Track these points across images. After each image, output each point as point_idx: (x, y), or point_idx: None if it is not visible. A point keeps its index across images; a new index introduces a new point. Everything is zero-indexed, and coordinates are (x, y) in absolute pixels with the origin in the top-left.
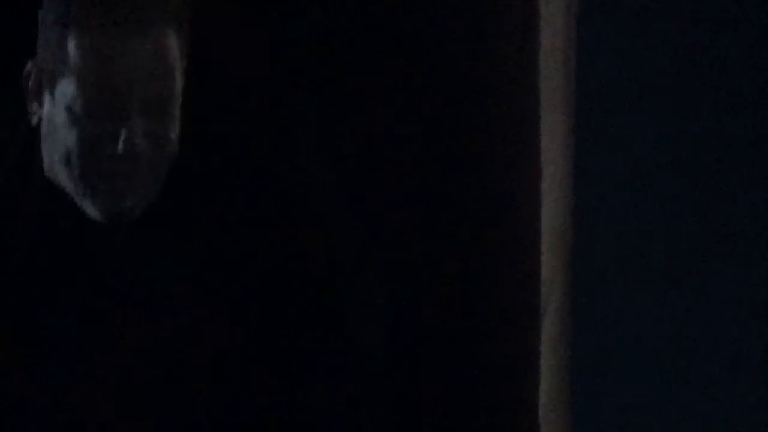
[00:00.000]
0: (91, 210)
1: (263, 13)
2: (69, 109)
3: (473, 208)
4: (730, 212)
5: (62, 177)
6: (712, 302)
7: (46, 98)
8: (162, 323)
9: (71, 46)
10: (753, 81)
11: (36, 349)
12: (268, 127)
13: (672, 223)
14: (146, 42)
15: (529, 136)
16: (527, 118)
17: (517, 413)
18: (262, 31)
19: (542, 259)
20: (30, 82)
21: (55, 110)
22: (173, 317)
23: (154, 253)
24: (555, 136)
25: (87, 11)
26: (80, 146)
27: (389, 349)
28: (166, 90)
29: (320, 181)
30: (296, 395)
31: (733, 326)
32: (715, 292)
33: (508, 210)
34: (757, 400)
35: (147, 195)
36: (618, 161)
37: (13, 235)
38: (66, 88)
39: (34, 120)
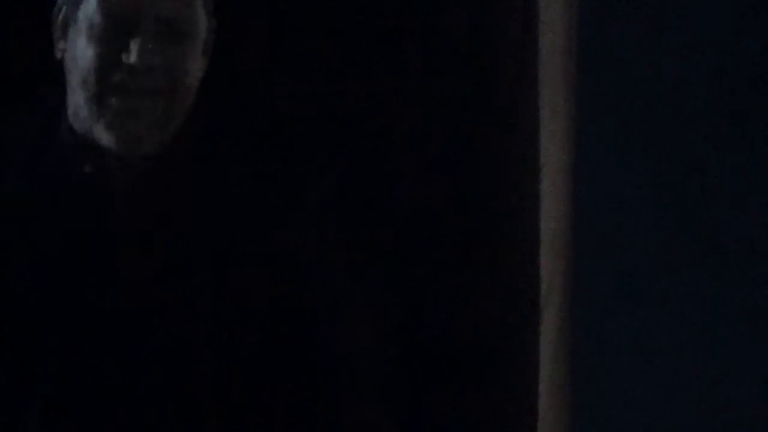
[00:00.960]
0: (104, 136)
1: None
2: (89, 30)
3: (473, 209)
4: (730, 211)
5: (80, 104)
6: (714, 303)
7: (70, 30)
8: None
9: None
10: (755, 84)
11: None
12: (264, 132)
13: (671, 224)
14: None
15: (528, 137)
16: (526, 120)
17: (516, 412)
18: (256, 30)
19: (541, 259)
20: (59, 18)
21: (76, 38)
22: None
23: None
24: (554, 136)
25: None
26: (96, 62)
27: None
28: (182, 11)
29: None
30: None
31: (734, 325)
32: (715, 291)
33: (507, 210)
34: (757, 399)
35: (161, 126)
36: (618, 162)
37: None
38: (87, 11)
39: (59, 54)
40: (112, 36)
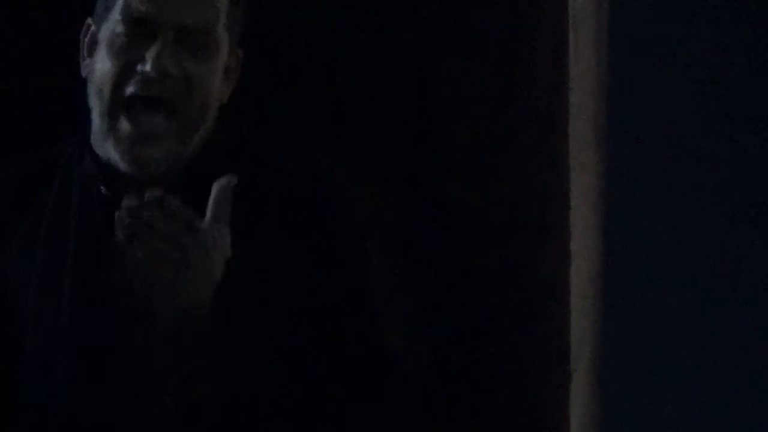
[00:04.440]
0: (116, 158)
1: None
2: (110, 42)
3: (503, 264)
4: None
5: (97, 127)
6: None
7: (96, 48)
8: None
9: None
10: None
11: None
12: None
13: (704, 281)
14: None
15: (557, 196)
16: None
17: None
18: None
19: (572, 315)
20: (87, 38)
21: (98, 53)
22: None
23: None
24: (584, 193)
25: None
26: (111, 71)
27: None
28: (203, 23)
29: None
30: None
31: None
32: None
33: (536, 266)
34: None
35: (175, 148)
36: (648, 218)
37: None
38: (110, 24)
39: (84, 72)
40: (131, 47)
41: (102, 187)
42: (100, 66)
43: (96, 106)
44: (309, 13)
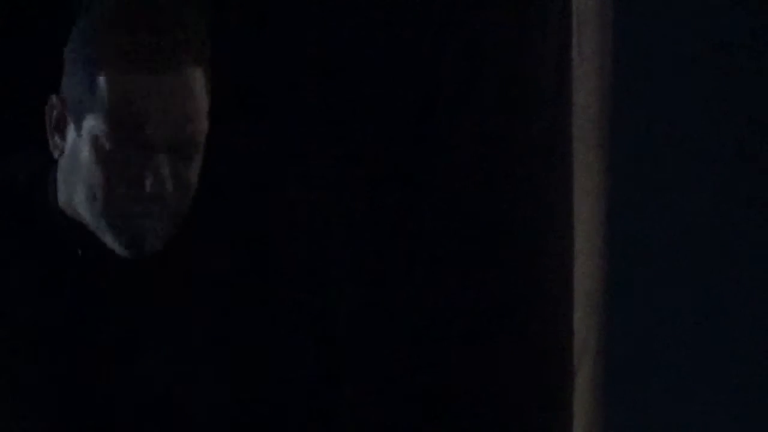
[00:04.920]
0: (107, 236)
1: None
2: (95, 146)
3: (506, 264)
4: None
5: (83, 211)
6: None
7: (70, 133)
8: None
9: (101, 83)
10: None
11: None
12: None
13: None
14: (177, 83)
15: (561, 197)
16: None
17: None
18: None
19: (576, 317)
20: (53, 116)
21: (80, 146)
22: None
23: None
24: (588, 194)
25: (117, 51)
26: (105, 185)
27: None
28: (194, 132)
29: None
30: None
31: None
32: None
33: (540, 266)
34: None
35: (168, 234)
36: (651, 218)
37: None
38: (93, 124)
39: (56, 154)
40: (121, 159)
41: (78, 249)
42: (88, 170)
43: (85, 202)
44: (309, 12)
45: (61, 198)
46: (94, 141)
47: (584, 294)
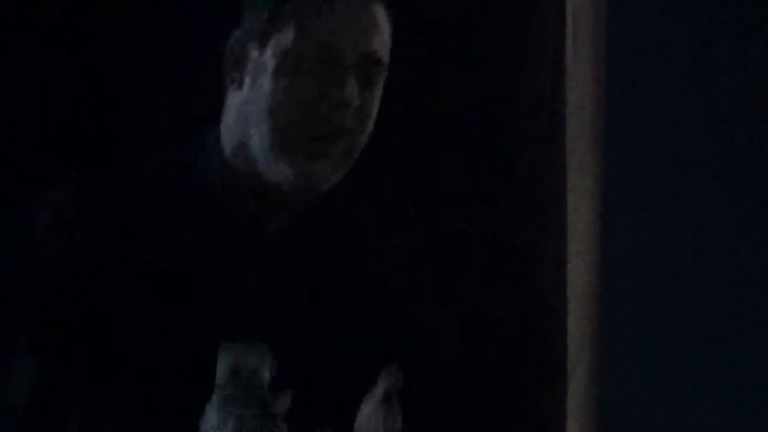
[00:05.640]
0: (282, 173)
1: None
2: (282, 62)
3: (500, 265)
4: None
5: (254, 140)
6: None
7: (250, 63)
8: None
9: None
10: None
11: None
12: None
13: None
14: (359, 8)
15: (555, 197)
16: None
17: None
18: None
19: (570, 318)
20: (234, 50)
21: (263, 71)
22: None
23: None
24: (582, 194)
25: None
26: (290, 96)
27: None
28: (381, 49)
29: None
30: None
31: None
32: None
33: (534, 268)
34: None
35: (339, 167)
36: (646, 221)
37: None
38: (280, 43)
39: (235, 86)
40: (311, 71)
41: (251, 204)
42: (272, 88)
43: (263, 125)
44: None
45: (228, 148)
46: (281, 59)
47: (578, 295)
